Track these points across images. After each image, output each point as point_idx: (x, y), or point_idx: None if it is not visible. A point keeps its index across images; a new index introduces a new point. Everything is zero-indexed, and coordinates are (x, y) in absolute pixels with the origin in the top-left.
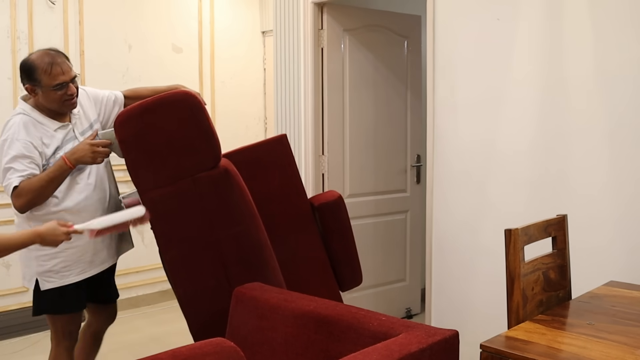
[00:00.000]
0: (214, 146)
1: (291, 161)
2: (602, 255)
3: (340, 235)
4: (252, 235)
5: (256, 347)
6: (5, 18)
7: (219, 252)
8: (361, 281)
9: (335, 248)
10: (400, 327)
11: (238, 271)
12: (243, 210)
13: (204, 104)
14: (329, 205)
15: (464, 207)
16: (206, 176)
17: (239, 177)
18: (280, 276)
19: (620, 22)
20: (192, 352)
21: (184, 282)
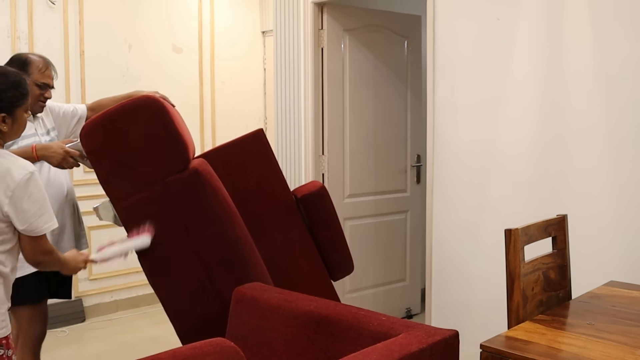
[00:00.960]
0: (182, 148)
1: (270, 155)
2: (602, 255)
3: (326, 225)
4: (229, 234)
5: (256, 347)
6: (5, 18)
7: (197, 253)
8: (352, 269)
9: (322, 238)
10: (400, 327)
11: (219, 271)
12: (217, 211)
13: (169, 107)
14: (312, 196)
15: (464, 207)
16: (177, 179)
17: (213, 176)
18: (265, 271)
19: (620, 22)
20: (192, 352)
21: (166, 286)
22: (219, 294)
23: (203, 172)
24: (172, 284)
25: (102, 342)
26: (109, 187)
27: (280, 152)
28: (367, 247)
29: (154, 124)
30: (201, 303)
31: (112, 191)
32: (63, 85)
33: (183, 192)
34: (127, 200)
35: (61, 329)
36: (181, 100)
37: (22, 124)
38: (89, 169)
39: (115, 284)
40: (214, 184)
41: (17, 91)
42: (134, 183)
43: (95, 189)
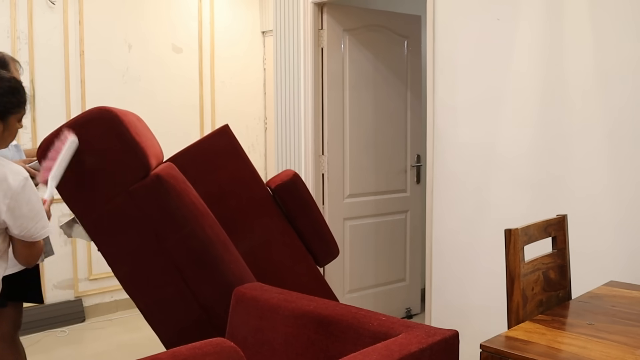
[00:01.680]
0: (141, 156)
1: (238, 150)
2: (602, 255)
3: (304, 212)
4: (199, 236)
5: (256, 347)
6: (5, 18)
7: (169, 258)
8: (337, 252)
9: (302, 226)
10: (400, 327)
11: (193, 273)
12: (184, 213)
13: (124, 115)
14: (286, 185)
15: (463, 207)
16: (139, 187)
17: (177, 179)
18: (243, 267)
19: (620, 23)
20: (192, 352)
21: (143, 295)
22: (197, 296)
23: (165, 177)
24: (149, 293)
25: (102, 342)
26: (73, 203)
27: (280, 152)
28: (367, 247)
29: (108, 135)
30: (180, 308)
31: (76, 207)
32: (63, 86)
33: (147, 200)
34: (93, 214)
35: (61, 329)
36: (181, 100)
37: (12, 132)
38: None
39: (116, 284)
40: (178, 187)
41: (14, 97)
42: (97, 197)
43: None
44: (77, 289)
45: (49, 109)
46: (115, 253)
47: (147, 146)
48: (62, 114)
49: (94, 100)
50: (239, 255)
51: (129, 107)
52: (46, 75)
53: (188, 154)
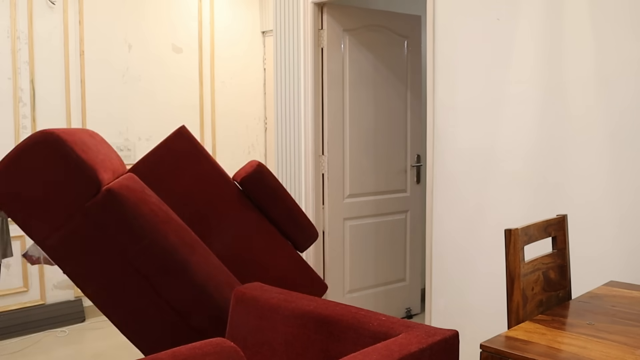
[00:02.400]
0: (89, 173)
1: (198, 149)
2: (602, 255)
3: (275, 200)
4: (161, 243)
5: (256, 347)
6: (5, 18)
7: (136, 270)
8: (316, 235)
9: (275, 214)
10: (400, 327)
11: (161, 281)
12: (142, 223)
13: (68, 134)
14: (251, 176)
15: (463, 207)
16: (92, 204)
17: (132, 189)
18: (216, 266)
19: (620, 24)
20: (192, 352)
21: (115, 309)
22: (170, 303)
23: (117, 190)
24: (121, 306)
25: (102, 342)
26: (31, 230)
27: (280, 152)
28: (367, 247)
29: (52, 158)
30: (155, 316)
31: (34, 233)
32: (63, 86)
33: (103, 215)
34: (52, 238)
35: (61, 329)
36: (181, 100)
37: None
38: None
39: None
40: (133, 198)
41: None
42: (53, 220)
43: None
44: (77, 289)
45: (49, 109)
46: (80, 273)
47: (97, 162)
48: (62, 114)
49: (94, 100)
50: (210, 255)
51: (129, 107)
52: (46, 75)
53: (148, 161)
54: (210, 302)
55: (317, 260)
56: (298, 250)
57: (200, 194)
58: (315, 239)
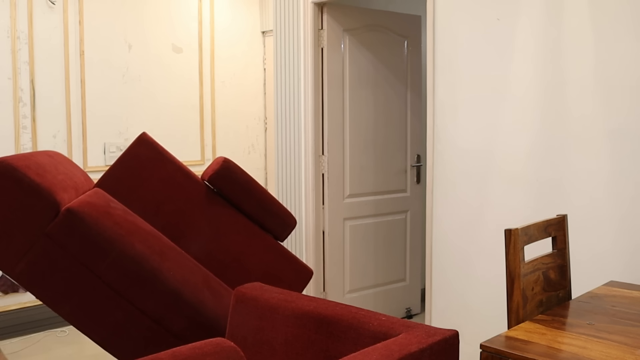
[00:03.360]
0: (46, 196)
1: (163, 154)
2: (602, 255)
3: (246, 194)
4: (129, 254)
5: (256, 347)
6: (5, 18)
7: (108, 285)
8: (294, 222)
9: (248, 208)
10: (400, 327)
11: (134, 292)
12: (106, 237)
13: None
14: (218, 173)
15: (464, 207)
16: (54, 226)
17: (95, 205)
18: (189, 268)
19: (620, 23)
20: (192, 352)
21: (94, 327)
22: (146, 313)
23: (76, 208)
24: (98, 323)
25: None
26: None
27: (280, 152)
28: (367, 247)
29: (6, 185)
30: (134, 328)
31: (1, 265)
32: (63, 86)
33: (65, 236)
34: (18, 266)
35: (61, 329)
36: (181, 100)
37: None
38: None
39: None
40: (94, 213)
41: None
42: (17, 248)
43: None
44: None
45: (49, 109)
46: (53, 296)
47: (55, 183)
48: (62, 114)
49: (94, 100)
50: (184, 259)
51: (129, 107)
52: (46, 75)
53: (113, 173)
54: (188, 307)
55: (317, 260)
56: (278, 240)
57: (170, 200)
58: (293, 226)
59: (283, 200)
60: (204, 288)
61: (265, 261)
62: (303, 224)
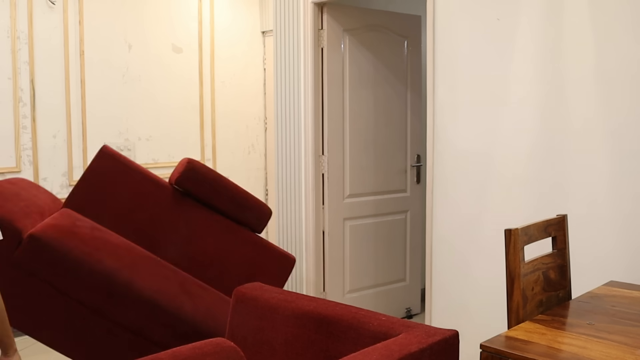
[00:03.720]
0: (6, 225)
1: (126, 164)
2: (602, 255)
3: (215, 192)
4: (97, 271)
5: (256, 347)
6: (5, 18)
7: (82, 304)
8: (269, 211)
9: (220, 204)
10: (400, 327)
11: (109, 307)
12: (73, 257)
13: None
14: (184, 175)
15: (464, 207)
16: (19, 254)
17: (59, 227)
18: (163, 274)
19: (620, 23)
20: (192, 352)
21: (77, 348)
22: (124, 325)
23: (39, 233)
24: (82, 344)
25: None
26: None
27: (280, 152)
28: (367, 247)
29: None
30: (116, 343)
31: None
32: (63, 86)
33: (32, 262)
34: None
35: None
36: (181, 100)
37: None
38: None
39: None
40: (57, 235)
41: None
42: None
43: None
44: None
45: (49, 109)
46: (30, 323)
47: (16, 211)
48: (62, 114)
49: (94, 100)
50: (159, 267)
51: (129, 107)
52: (46, 75)
53: (79, 191)
54: (166, 315)
55: (317, 260)
56: (256, 232)
57: (140, 209)
58: (269, 216)
59: (283, 200)
60: (181, 293)
61: (245, 255)
62: (303, 224)
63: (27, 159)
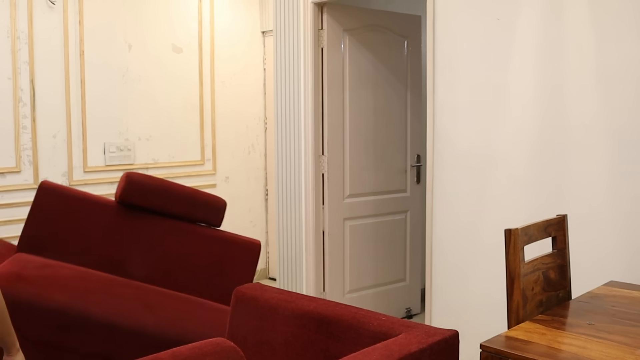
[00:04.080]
0: None
1: (67, 196)
2: (602, 255)
3: (161, 198)
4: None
5: (256, 347)
6: (5, 18)
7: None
8: (223, 203)
9: (171, 209)
10: (400, 327)
11: (73, 340)
12: (23, 301)
13: None
14: (125, 191)
15: (463, 207)
16: None
17: (7, 273)
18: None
19: (621, 23)
20: (192, 352)
21: None
22: (92, 355)
23: None
24: None
25: None
26: None
27: (280, 152)
28: (367, 247)
29: None
30: None
31: None
32: (63, 86)
33: None
34: None
35: None
36: (181, 101)
37: None
38: None
39: None
40: (3, 282)
41: None
42: None
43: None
44: None
45: (49, 109)
46: None
47: None
48: (62, 114)
49: (94, 100)
50: (118, 286)
51: (129, 107)
52: (46, 75)
53: (28, 231)
54: (128, 334)
55: (317, 260)
56: (214, 226)
57: (93, 233)
58: (223, 207)
59: (283, 200)
60: (142, 309)
61: (209, 251)
62: (303, 224)
63: (27, 159)
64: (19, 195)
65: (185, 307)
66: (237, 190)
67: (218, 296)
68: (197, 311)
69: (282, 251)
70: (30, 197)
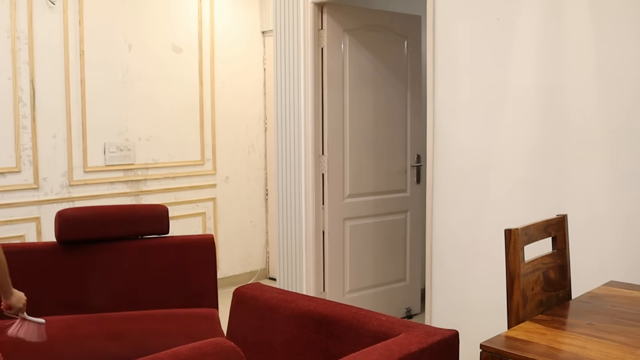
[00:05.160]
0: None
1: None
2: (602, 255)
3: (99, 225)
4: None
5: (256, 347)
6: (5, 18)
7: None
8: (164, 209)
9: (113, 232)
10: (400, 327)
11: None
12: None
13: None
14: (61, 230)
15: (464, 207)
16: None
17: None
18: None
19: (621, 23)
20: (192, 352)
21: None
22: None
23: None
24: None
25: None
26: None
27: (280, 152)
28: (367, 247)
29: None
30: None
31: None
32: (63, 86)
33: None
34: None
35: None
36: (181, 101)
37: None
38: None
39: None
40: None
41: None
42: None
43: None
44: None
45: (49, 109)
46: None
47: None
48: (62, 114)
49: (94, 100)
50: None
51: (129, 107)
52: (46, 75)
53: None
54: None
55: (317, 260)
56: (164, 234)
57: (43, 281)
58: (165, 213)
59: (283, 200)
60: (105, 340)
61: (165, 261)
62: (303, 224)
63: (27, 159)
64: (19, 195)
65: (151, 325)
66: (237, 190)
67: (186, 300)
68: (164, 324)
69: (282, 251)
70: (31, 197)
